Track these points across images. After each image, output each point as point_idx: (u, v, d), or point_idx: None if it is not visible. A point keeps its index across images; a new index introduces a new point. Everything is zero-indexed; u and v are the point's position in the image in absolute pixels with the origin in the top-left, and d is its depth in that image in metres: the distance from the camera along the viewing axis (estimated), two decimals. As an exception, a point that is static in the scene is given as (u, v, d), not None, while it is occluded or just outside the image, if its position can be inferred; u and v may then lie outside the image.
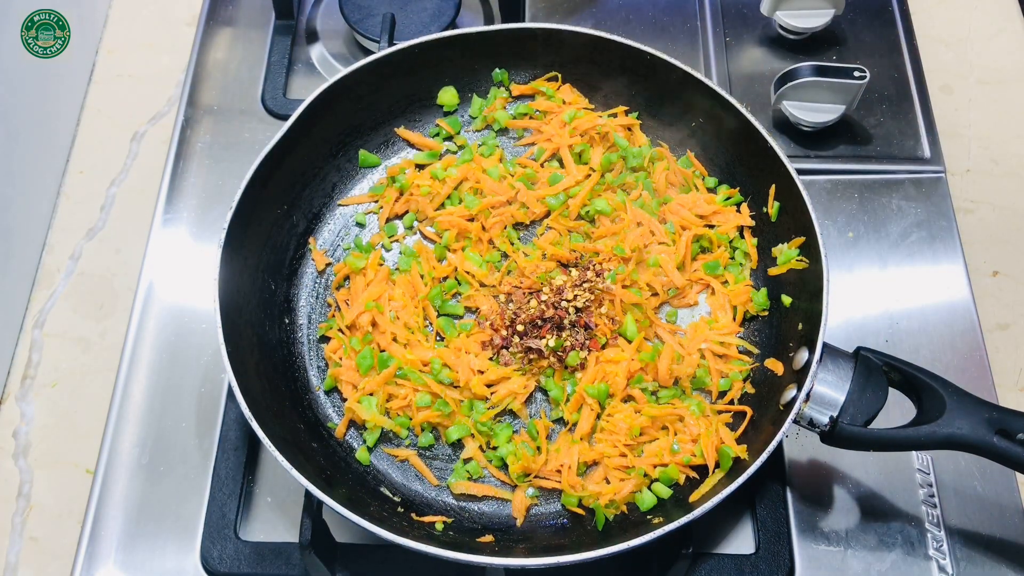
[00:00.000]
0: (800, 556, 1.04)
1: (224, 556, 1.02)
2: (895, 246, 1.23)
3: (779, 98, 1.27)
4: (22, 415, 1.16)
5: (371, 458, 1.06)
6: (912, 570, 1.03)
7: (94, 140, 1.36)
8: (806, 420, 0.97)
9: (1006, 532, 1.05)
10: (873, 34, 1.40)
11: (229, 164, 1.28)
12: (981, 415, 0.93)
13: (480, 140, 1.25)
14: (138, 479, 1.08)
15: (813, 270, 1.05)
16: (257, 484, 1.08)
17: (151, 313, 1.18)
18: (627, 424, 1.04)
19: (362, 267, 1.14)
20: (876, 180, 1.28)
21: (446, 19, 1.34)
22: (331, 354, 1.10)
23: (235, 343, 1.00)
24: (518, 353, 1.08)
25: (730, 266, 1.15)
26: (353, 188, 1.23)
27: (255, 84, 1.35)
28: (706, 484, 0.99)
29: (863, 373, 0.97)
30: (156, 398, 1.12)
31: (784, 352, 1.06)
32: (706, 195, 1.18)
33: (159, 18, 1.47)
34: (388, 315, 1.11)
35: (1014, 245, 1.28)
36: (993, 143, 1.36)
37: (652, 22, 1.42)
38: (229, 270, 1.04)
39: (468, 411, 1.06)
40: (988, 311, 1.22)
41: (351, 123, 1.21)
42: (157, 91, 1.40)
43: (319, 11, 1.44)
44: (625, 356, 1.07)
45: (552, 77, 1.25)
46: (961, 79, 1.42)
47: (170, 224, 1.24)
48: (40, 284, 1.25)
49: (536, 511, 1.04)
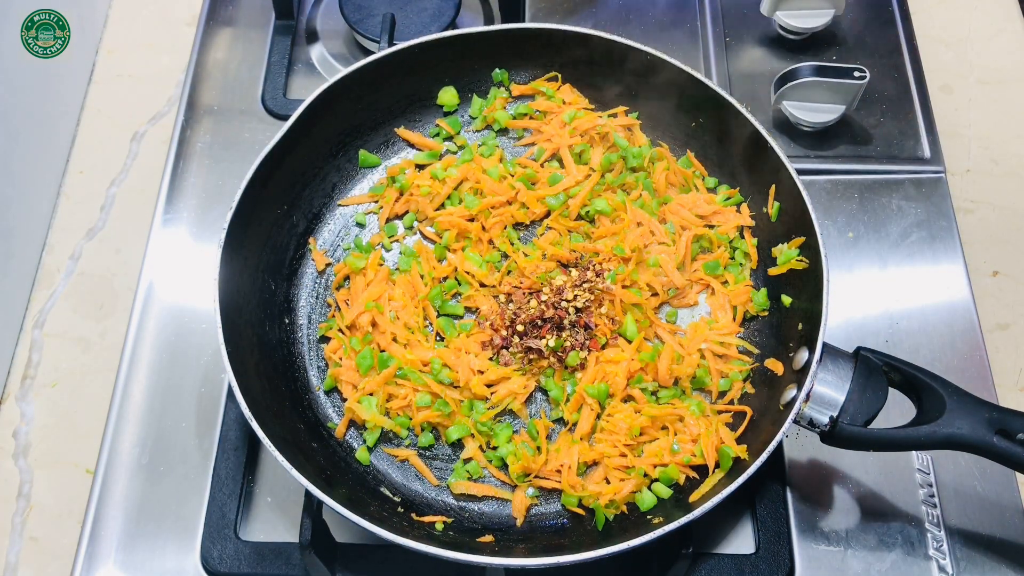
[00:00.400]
0: (800, 556, 1.04)
1: (224, 556, 1.02)
2: (895, 246, 1.23)
3: (779, 98, 1.27)
4: (22, 415, 1.16)
5: (371, 458, 1.06)
6: (912, 570, 1.03)
7: (94, 140, 1.36)
8: (806, 420, 0.97)
9: (1006, 532, 1.05)
10: (873, 34, 1.39)
11: (229, 164, 1.28)
12: (981, 415, 0.93)
13: (480, 140, 1.25)
14: (138, 479, 1.08)
15: (813, 270, 1.05)
16: (257, 484, 1.08)
17: (151, 313, 1.18)
18: (627, 424, 1.04)
19: (362, 267, 1.14)
20: (876, 180, 1.28)
21: (446, 19, 1.34)
22: (331, 354, 1.10)
23: (235, 343, 1.00)
24: (518, 353, 1.08)
25: (730, 266, 1.15)
26: (353, 188, 1.23)
27: (255, 84, 1.35)
28: (706, 484, 0.99)
29: (863, 373, 0.96)
30: (156, 398, 1.12)
31: (784, 352, 1.06)
32: (706, 195, 1.18)
33: (159, 18, 1.47)
34: (388, 315, 1.11)
35: (1014, 245, 1.28)
36: (993, 143, 1.36)
37: (652, 22, 1.42)
38: (229, 270, 1.04)
39: (468, 411, 1.06)
40: (988, 311, 1.22)
41: (351, 123, 1.21)
42: (157, 91, 1.40)
43: (319, 11, 1.44)
44: (625, 356, 1.07)
45: (552, 77, 1.25)
46: (961, 79, 1.42)
47: (170, 224, 1.24)
48: (40, 284, 1.25)
49: (536, 511, 1.04)
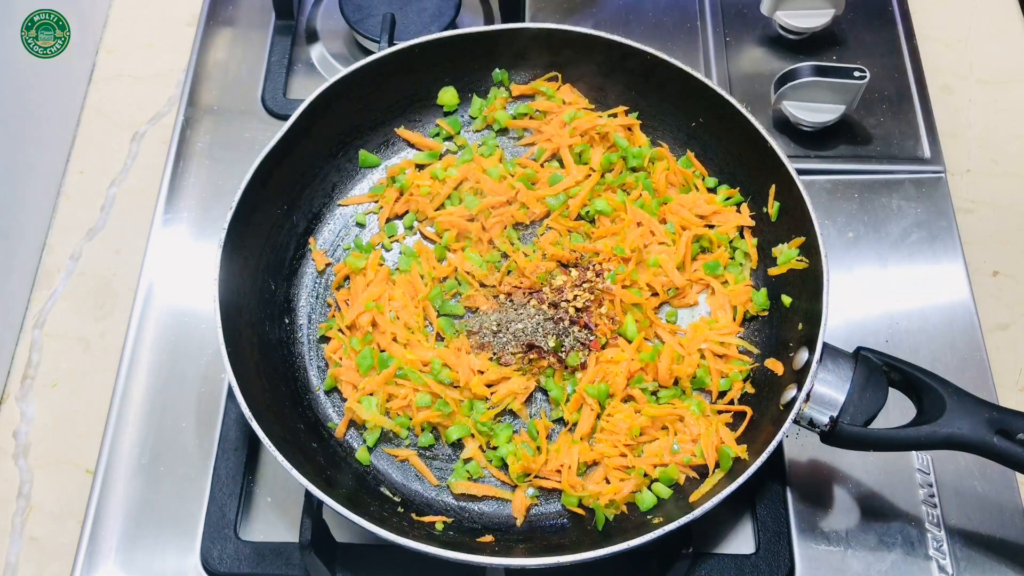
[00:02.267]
0: (800, 556, 1.04)
1: (224, 556, 1.02)
2: (895, 246, 1.23)
3: (779, 98, 1.27)
4: (22, 415, 1.16)
5: (371, 458, 1.06)
6: (912, 570, 1.03)
7: (94, 140, 1.36)
8: (806, 420, 0.97)
9: (1006, 532, 1.05)
10: (873, 34, 1.39)
11: (229, 164, 1.28)
12: (981, 415, 0.93)
13: (480, 140, 1.25)
14: (138, 479, 1.08)
15: (813, 270, 1.05)
16: (257, 484, 1.08)
17: (151, 313, 1.18)
18: (627, 424, 1.04)
19: (362, 267, 1.14)
20: (876, 180, 1.28)
21: (446, 19, 1.34)
22: (331, 354, 1.10)
23: (235, 343, 1.00)
24: (518, 353, 1.08)
25: (730, 266, 1.15)
26: (353, 188, 1.23)
27: (255, 84, 1.35)
28: (706, 484, 0.99)
29: (863, 373, 0.96)
30: (156, 398, 1.12)
31: (784, 352, 1.06)
32: (706, 195, 1.18)
33: (159, 18, 1.47)
34: (388, 315, 1.11)
35: (1014, 245, 1.28)
36: (993, 143, 1.36)
37: (652, 22, 1.42)
38: (229, 270, 1.04)
39: (468, 411, 1.06)
40: (988, 311, 1.22)
41: (351, 123, 1.21)
42: (157, 91, 1.40)
43: (319, 11, 1.44)
44: (625, 356, 1.07)
45: (552, 77, 1.25)
46: (961, 79, 1.42)
47: (170, 224, 1.24)
48: (40, 284, 1.25)
49: (536, 511, 1.04)
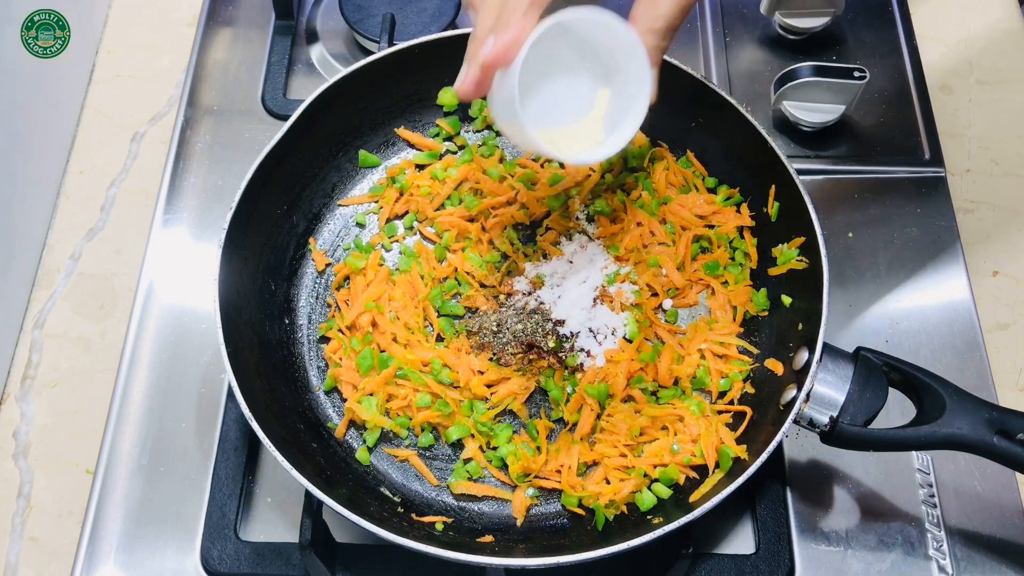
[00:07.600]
0: (800, 556, 1.04)
1: (224, 556, 1.02)
2: (895, 246, 1.23)
3: (779, 98, 1.27)
4: (22, 415, 1.16)
5: (371, 458, 1.06)
6: (912, 570, 1.03)
7: (94, 140, 1.36)
8: (806, 420, 0.97)
9: (1006, 532, 1.05)
10: (873, 34, 1.39)
11: (229, 164, 1.28)
12: (981, 415, 0.93)
13: (480, 140, 1.25)
14: (138, 479, 1.08)
15: (813, 270, 1.05)
16: (257, 484, 1.08)
17: (151, 313, 1.18)
18: (627, 424, 1.04)
19: (362, 267, 1.14)
20: (876, 180, 1.28)
21: (446, 19, 1.34)
22: (331, 354, 1.10)
23: (235, 343, 1.00)
24: (518, 353, 1.08)
25: (730, 266, 1.15)
26: (353, 188, 1.23)
27: (255, 84, 1.35)
28: (706, 484, 0.99)
29: (863, 373, 0.96)
30: (156, 398, 1.12)
31: (784, 352, 1.06)
32: (706, 195, 1.18)
33: (159, 18, 1.47)
34: (388, 315, 1.11)
35: (1014, 245, 1.28)
36: (993, 143, 1.36)
37: (652, 22, 1.42)
38: (229, 270, 1.04)
39: (468, 411, 1.06)
40: (988, 311, 1.22)
41: (351, 123, 1.21)
42: (157, 91, 1.40)
43: (319, 11, 1.44)
44: (625, 356, 1.07)
45: (552, 77, 1.25)
46: (961, 79, 1.42)
47: (170, 224, 1.24)
48: (40, 284, 1.25)
49: (536, 511, 1.04)
